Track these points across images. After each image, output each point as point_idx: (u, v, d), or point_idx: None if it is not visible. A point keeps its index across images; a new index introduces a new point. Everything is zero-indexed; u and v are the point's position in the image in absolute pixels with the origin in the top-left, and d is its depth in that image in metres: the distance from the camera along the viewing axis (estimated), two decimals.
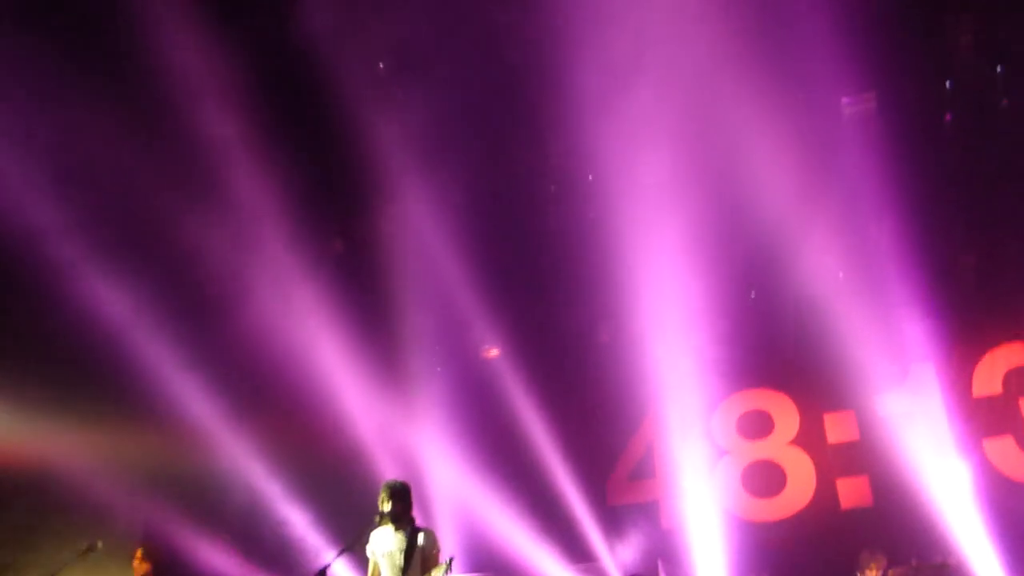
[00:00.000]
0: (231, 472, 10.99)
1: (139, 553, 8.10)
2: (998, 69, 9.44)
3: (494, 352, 12.03)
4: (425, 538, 6.42)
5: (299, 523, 10.80)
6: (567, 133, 10.08)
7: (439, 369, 11.49)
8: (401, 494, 6.52)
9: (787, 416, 11.47)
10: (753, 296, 11.30)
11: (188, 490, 10.85)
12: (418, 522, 6.59)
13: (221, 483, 11.01)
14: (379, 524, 6.47)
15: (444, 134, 9.93)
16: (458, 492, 11.20)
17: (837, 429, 11.21)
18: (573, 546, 11.05)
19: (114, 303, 9.89)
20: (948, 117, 9.74)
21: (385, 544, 6.41)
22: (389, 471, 10.36)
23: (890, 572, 8.81)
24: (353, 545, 6.62)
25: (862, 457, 10.90)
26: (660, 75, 8.97)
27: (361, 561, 6.60)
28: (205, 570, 10.09)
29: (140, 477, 10.46)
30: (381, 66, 9.83)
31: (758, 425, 11.58)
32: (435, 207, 10.60)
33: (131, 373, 10.18)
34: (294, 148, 10.16)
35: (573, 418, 11.52)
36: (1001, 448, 10.44)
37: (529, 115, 9.89)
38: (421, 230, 10.79)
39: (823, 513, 10.92)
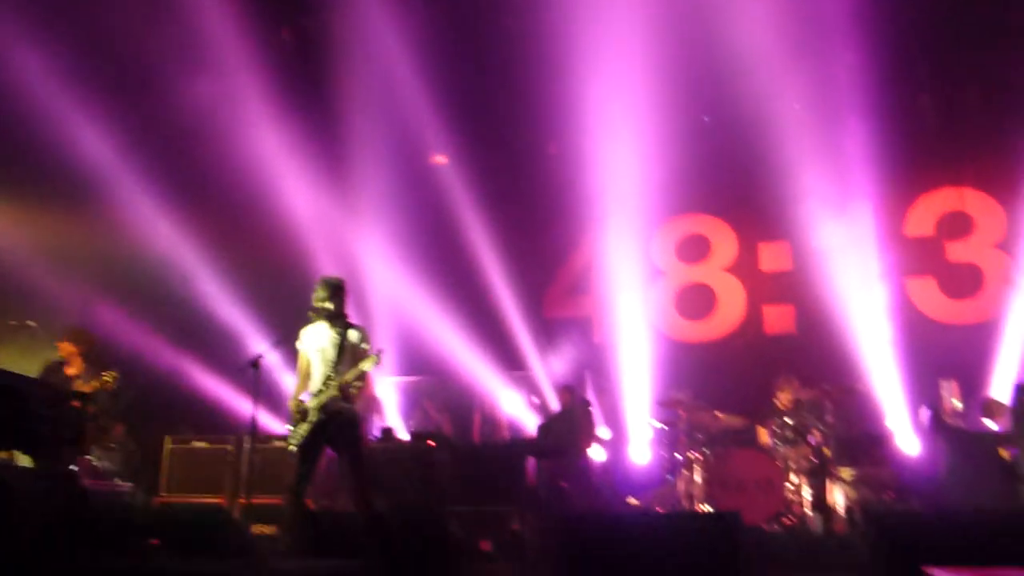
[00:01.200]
0: (168, 262, 10.89)
1: (67, 336, 7.98)
2: None
3: (442, 159, 11.84)
4: (357, 335, 6.45)
5: (234, 315, 10.86)
6: None
7: (385, 169, 11.25)
8: (337, 290, 6.50)
9: (725, 242, 11.71)
10: (706, 120, 11.18)
11: (125, 279, 10.77)
12: (352, 320, 6.62)
13: (158, 273, 10.92)
14: (313, 319, 6.50)
15: None
16: (396, 294, 11.30)
17: (771, 258, 11.51)
18: (507, 354, 11.37)
19: (53, 90, 9.38)
20: None
21: (318, 339, 6.44)
22: (328, 269, 10.36)
23: (802, 394, 9.30)
24: (286, 338, 6.69)
25: (791, 287, 11.26)
26: None
27: (294, 355, 6.66)
28: (139, 358, 10.18)
29: (78, 263, 10.33)
30: None
31: (696, 249, 11.81)
32: (390, 6, 10.03)
33: (72, 159, 9.82)
34: None
35: (516, 229, 11.56)
36: (923, 287, 10.87)
37: None
38: (375, 28, 10.26)
39: (749, 337, 11.39)
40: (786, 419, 8.78)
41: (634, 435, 10.61)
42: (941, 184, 10.95)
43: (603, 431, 10.23)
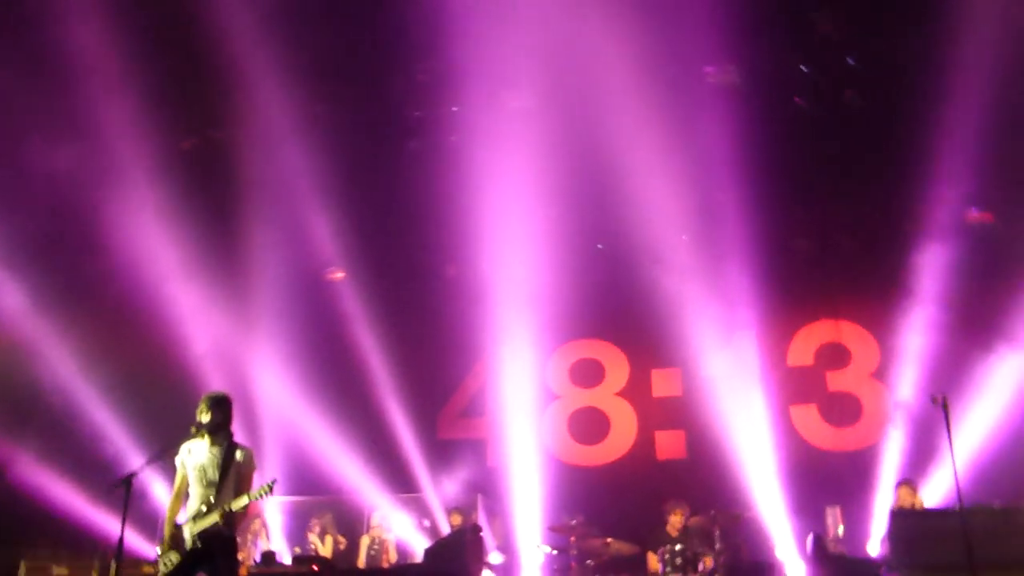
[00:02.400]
0: (44, 373, 10.37)
1: None
2: (849, 62, 9.90)
3: (339, 274, 11.83)
4: (243, 455, 6.24)
5: (112, 429, 10.33)
6: (438, 60, 9.89)
7: (281, 284, 11.16)
8: (221, 405, 6.32)
9: (618, 368, 11.93)
10: (600, 248, 11.57)
11: None
12: (238, 439, 6.42)
13: (30, 383, 10.36)
14: (195, 435, 6.27)
15: (307, 47, 9.53)
16: (287, 412, 11.05)
17: (662, 384, 11.77)
18: (399, 476, 11.17)
19: None
20: (798, 100, 10.18)
21: (198, 457, 6.20)
22: (215, 382, 10.06)
23: (691, 519, 9.38)
24: (164, 453, 6.39)
25: (682, 412, 11.51)
26: (530, 16, 8.91)
27: (172, 471, 6.37)
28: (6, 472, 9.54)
29: None
30: None
31: (589, 374, 11.99)
32: (292, 119, 10.20)
33: None
34: (152, 43, 9.50)
35: (411, 349, 11.55)
36: (805, 415, 11.26)
37: (400, 37, 9.62)
38: (276, 141, 10.38)
39: (640, 462, 11.49)
40: (676, 546, 8.79)
41: (525, 560, 10.42)
42: (819, 317, 11.52)
43: (494, 556, 10.02)
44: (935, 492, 9.56)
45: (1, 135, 9.73)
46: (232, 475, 6.16)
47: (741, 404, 10.91)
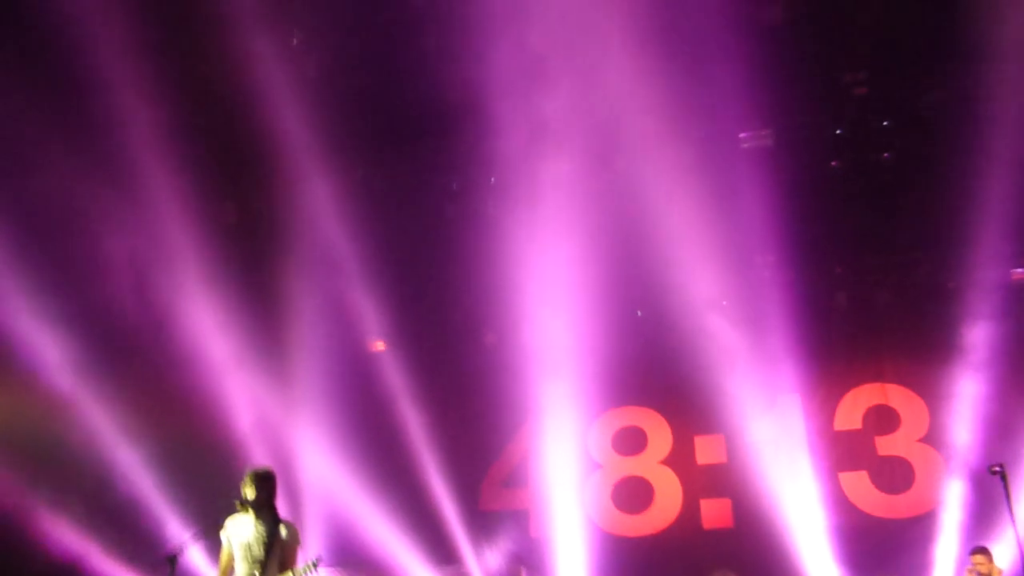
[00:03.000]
0: (87, 443, 10.51)
1: None
2: (884, 123, 9.92)
3: (380, 346, 11.91)
4: (287, 532, 6.25)
5: (155, 504, 10.39)
6: (474, 131, 10.08)
7: (322, 356, 11.27)
8: (265, 482, 6.33)
9: (661, 435, 11.76)
10: (640, 315, 11.54)
11: (38, 459, 10.32)
12: (282, 514, 6.42)
13: (75, 454, 10.50)
14: (239, 511, 6.29)
15: (349, 119, 9.79)
16: (329, 485, 11.03)
17: (707, 451, 11.56)
18: (441, 548, 11.04)
19: None
20: (835, 163, 10.19)
21: (243, 533, 6.21)
22: (259, 458, 10.11)
23: None
24: (208, 530, 6.41)
25: (727, 480, 11.27)
26: (568, 86, 9.09)
27: (216, 548, 6.38)
28: (46, 545, 9.60)
29: None
30: (295, 42, 9.60)
31: (632, 442, 11.83)
32: (334, 192, 10.42)
33: None
34: (199, 112, 9.84)
35: (452, 420, 11.52)
36: (855, 481, 10.97)
37: (436, 110, 9.85)
38: (317, 215, 10.59)
39: (686, 531, 11.24)
40: None
41: None
42: (865, 379, 11.31)
43: None
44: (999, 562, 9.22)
45: (56, 210, 10.06)
46: (277, 551, 6.16)
47: (788, 470, 10.68)
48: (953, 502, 10.04)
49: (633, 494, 11.59)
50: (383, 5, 9.31)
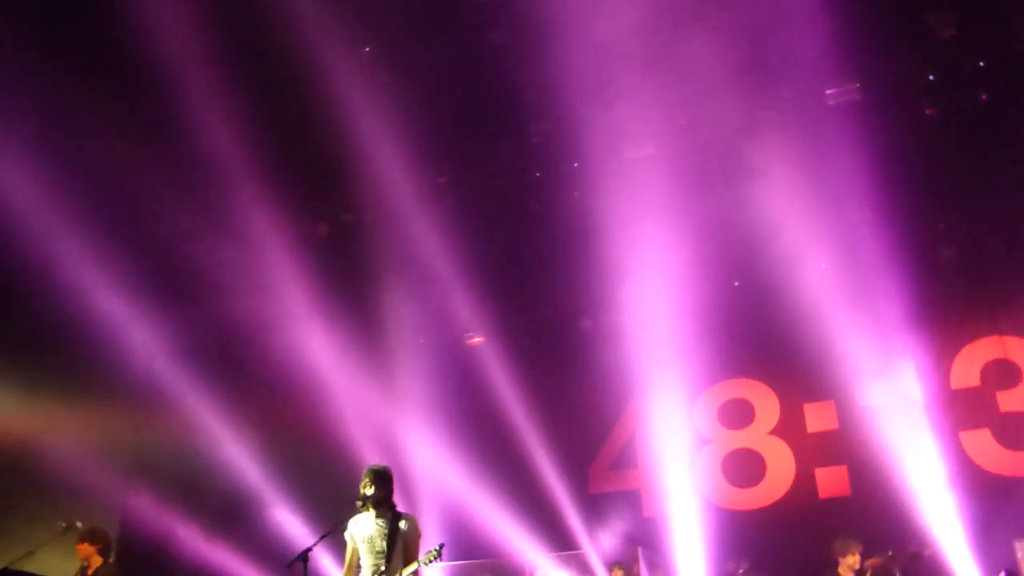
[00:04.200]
0: (213, 456, 10.99)
1: (83, 538, 7.86)
2: (980, 64, 9.47)
3: (478, 339, 12.04)
4: (407, 524, 6.42)
5: (281, 508, 10.80)
6: (552, 118, 10.06)
7: (423, 355, 11.48)
8: (383, 478, 6.51)
9: (768, 406, 11.57)
10: (737, 285, 11.34)
11: (168, 473, 10.85)
12: (399, 508, 6.60)
13: (202, 467, 11.00)
14: (361, 509, 6.48)
15: (427, 119, 9.90)
16: (440, 478, 11.23)
17: (817, 419, 11.32)
18: (555, 534, 11.09)
19: (97, 284, 9.87)
20: (929, 111, 9.78)
21: (366, 529, 6.41)
22: (371, 456, 10.37)
23: (867, 562, 8.90)
24: (335, 529, 6.64)
25: (841, 447, 11.01)
26: (644, 62, 8.95)
27: (341, 546, 6.59)
28: (182, 554, 10.09)
29: (120, 458, 10.46)
30: (367, 50, 9.74)
31: (739, 414, 11.67)
32: (420, 193, 10.57)
33: (115, 354, 10.17)
34: (280, 132, 10.11)
35: (556, 406, 11.57)
36: (977, 440, 10.57)
37: (512, 99, 9.87)
38: (405, 215, 10.75)
39: (802, 502, 11.04)
40: None
41: None
42: (981, 334, 10.87)
43: None
44: None
45: (159, 238, 10.53)
46: (400, 543, 6.34)
47: (905, 434, 10.36)
48: None
49: (744, 467, 11.44)
50: (453, 8, 9.35)
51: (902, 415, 10.48)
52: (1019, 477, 10.23)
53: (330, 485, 9.52)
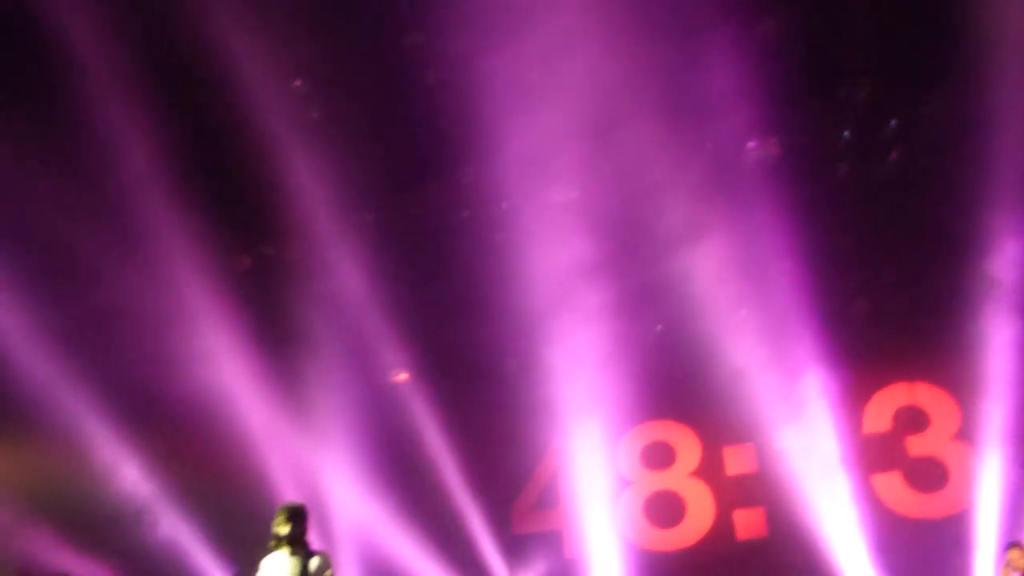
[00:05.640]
0: (121, 494, 10.64)
1: None
2: (892, 125, 9.94)
3: (402, 376, 11.98)
4: (320, 562, 6.31)
5: (192, 547, 10.50)
6: (482, 160, 10.18)
7: (345, 391, 11.37)
8: (297, 516, 6.39)
9: (690, 448, 11.71)
10: (660, 329, 11.54)
11: (73, 512, 10.47)
12: (315, 546, 6.49)
13: (110, 506, 10.64)
14: (274, 548, 6.35)
15: (356, 156, 9.93)
16: (360, 517, 11.07)
17: (736, 461, 11.50)
18: (477, 574, 11.03)
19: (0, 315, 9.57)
20: (844, 167, 10.21)
21: (279, 568, 6.27)
22: (289, 493, 10.18)
23: None
24: (246, 571, 6.49)
25: (759, 489, 11.20)
26: (573, 109, 9.16)
27: None
28: None
29: (22, 499, 10.07)
30: (297, 83, 9.75)
31: (661, 456, 11.79)
32: (345, 229, 10.54)
33: (16, 388, 9.83)
34: (204, 163, 10.00)
35: (479, 445, 11.53)
36: (889, 483, 10.88)
37: (443, 140, 9.97)
38: (331, 251, 10.71)
39: (720, 543, 11.17)
40: None
41: None
42: (893, 380, 11.23)
43: None
44: None
45: (66, 269, 10.25)
46: None
47: (820, 476, 10.62)
48: (988, 499, 9.93)
49: (665, 508, 11.54)
50: (384, 48, 9.44)
51: (817, 458, 10.73)
52: (928, 519, 10.56)
53: (244, 523, 9.28)
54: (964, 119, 9.43)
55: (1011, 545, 8.87)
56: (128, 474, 10.68)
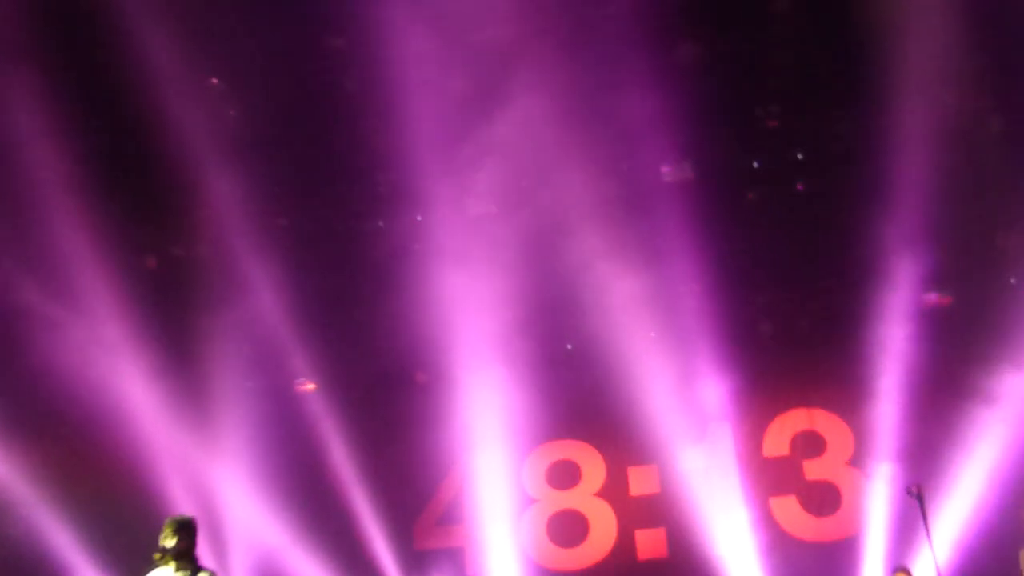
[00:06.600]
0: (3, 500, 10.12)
1: None
2: (798, 155, 10.27)
3: (309, 386, 11.74)
4: None
5: (74, 560, 10.03)
6: (399, 169, 10.11)
7: (249, 399, 11.07)
8: (186, 530, 6.12)
9: (594, 468, 11.78)
10: (570, 348, 11.61)
11: None
12: (205, 562, 6.24)
13: None
14: (159, 563, 6.09)
15: (272, 159, 9.75)
16: (257, 530, 10.77)
17: (640, 482, 11.62)
18: None
19: None
20: (751, 195, 10.49)
21: None
22: (183, 505, 9.84)
23: None
24: None
25: (661, 510, 11.34)
26: (492, 124, 9.18)
27: None
28: None
29: None
30: (214, 81, 9.53)
31: (566, 475, 11.82)
32: (255, 232, 10.31)
33: None
34: (112, 158, 9.67)
35: (384, 459, 11.37)
36: (785, 506, 11.15)
37: (360, 147, 9.87)
38: (241, 254, 10.45)
39: (622, 563, 11.27)
40: None
41: None
42: (792, 405, 11.53)
43: None
44: None
45: None
46: None
47: (720, 498, 10.82)
48: (877, 524, 10.27)
49: (568, 528, 11.57)
50: (305, 49, 9.31)
51: (717, 480, 10.93)
52: (821, 542, 10.85)
53: (129, 534, 8.92)
54: (867, 149, 9.80)
55: (897, 569, 9.18)
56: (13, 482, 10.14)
